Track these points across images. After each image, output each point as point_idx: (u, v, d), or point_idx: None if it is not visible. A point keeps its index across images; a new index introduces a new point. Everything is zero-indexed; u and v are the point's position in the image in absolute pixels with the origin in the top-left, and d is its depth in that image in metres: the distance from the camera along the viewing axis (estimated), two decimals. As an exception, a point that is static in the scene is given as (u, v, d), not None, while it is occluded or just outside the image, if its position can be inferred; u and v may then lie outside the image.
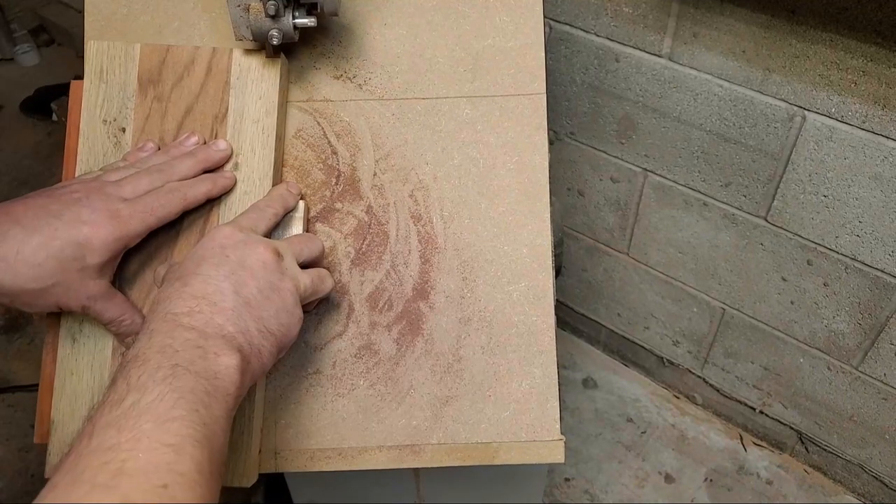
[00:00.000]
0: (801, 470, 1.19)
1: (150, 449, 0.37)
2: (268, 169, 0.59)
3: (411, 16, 0.65)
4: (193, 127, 0.60)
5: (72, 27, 2.10)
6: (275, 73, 0.60)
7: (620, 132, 1.05)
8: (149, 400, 0.40)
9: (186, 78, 0.61)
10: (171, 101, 0.61)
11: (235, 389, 0.44)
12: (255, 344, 0.48)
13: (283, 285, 0.50)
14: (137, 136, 0.60)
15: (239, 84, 0.60)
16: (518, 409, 0.59)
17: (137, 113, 0.61)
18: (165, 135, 0.60)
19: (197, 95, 0.61)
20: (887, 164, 0.82)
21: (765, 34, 0.83)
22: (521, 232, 0.61)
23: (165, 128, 0.61)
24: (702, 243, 1.08)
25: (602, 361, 1.38)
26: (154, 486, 0.36)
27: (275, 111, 0.60)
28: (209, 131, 0.60)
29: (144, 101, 0.61)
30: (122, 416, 0.39)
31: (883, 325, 0.94)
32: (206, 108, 0.60)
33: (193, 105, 0.61)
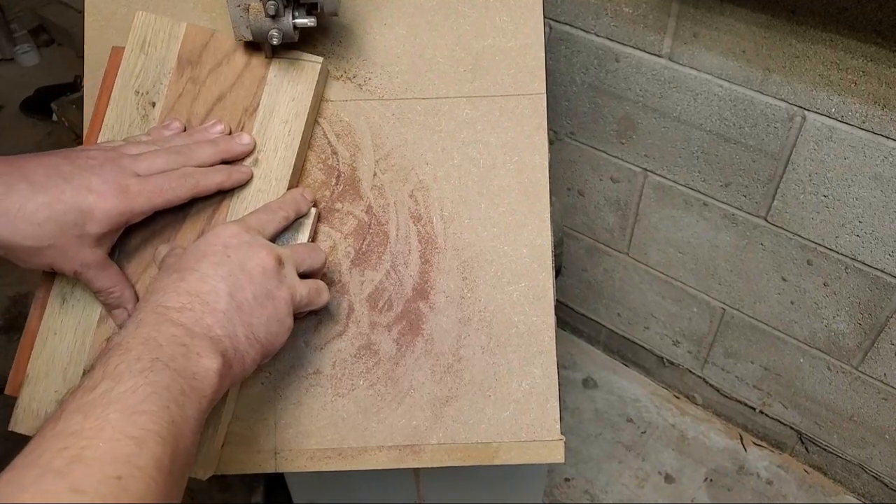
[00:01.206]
0: (801, 470, 1.19)
1: (111, 439, 0.37)
2: (286, 171, 0.59)
3: (411, 16, 0.65)
4: (223, 115, 0.60)
5: (72, 27, 2.10)
6: (312, 78, 0.60)
7: (620, 132, 1.05)
8: (121, 390, 0.39)
9: (225, 65, 0.61)
10: (205, 85, 0.61)
11: (211, 392, 0.44)
12: (240, 350, 0.47)
13: (279, 294, 0.50)
14: (166, 113, 0.60)
15: (275, 82, 0.60)
16: (518, 409, 0.59)
17: (171, 90, 0.61)
18: (193, 117, 0.60)
19: (232, 84, 0.60)
20: (887, 164, 0.82)
21: (765, 34, 0.83)
22: (521, 232, 0.61)
23: (195, 110, 0.60)
24: (702, 243, 1.08)
25: (602, 361, 1.38)
26: (108, 477, 0.36)
27: (305, 115, 0.60)
28: (237, 123, 0.60)
29: (179, 80, 0.61)
30: (91, 403, 0.39)
31: (883, 325, 0.94)
32: (238, 98, 0.60)
33: (226, 94, 0.60)
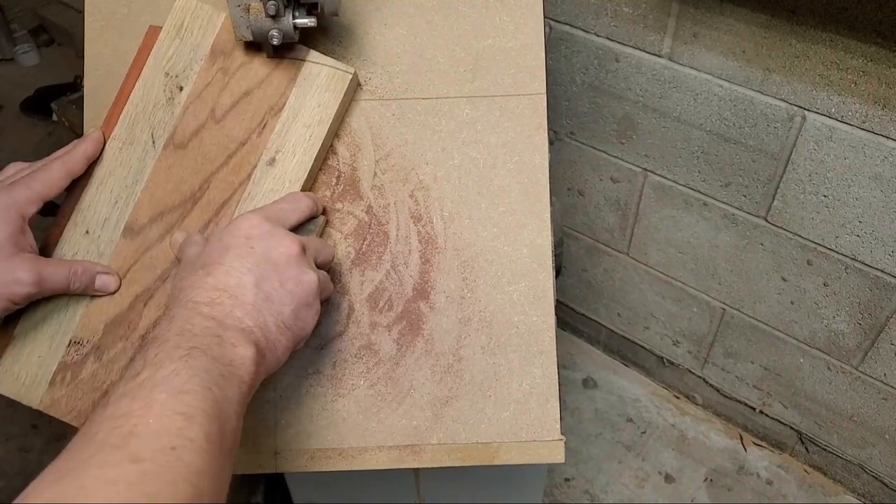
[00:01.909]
0: (801, 470, 1.19)
1: (161, 415, 0.38)
2: (302, 175, 0.59)
3: (411, 16, 0.65)
4: (247, 110, 0.60)
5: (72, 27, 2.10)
6: (341, 87, 0.60)
7: (620, 132, 1.05)
8: (164, 374, 0.41)
9: (257, 61, 0.61)
10: (234, 78, 0.61)
11: (250, 378, 0.45)
12: (271, 339, 0.48)
13: (306, 278, 0.50)
14: (192, 99, 0.60)
15: (304, 85, 0.60)
16: (518, 409, 0.59)
17: (200, 77, 0.61)
18: (218, 107, 0.60)
19: (261, 81, 0.60)
20: (887, 164, 0.82)
21: (765, 34, 0.83)
22: (521, 232, 0.61)
23: (220, 101, 0.60)
24: (702, 243, 1.08)
25: (602, 361, 1.38)
26: (163, 447, 0.37)
27: (328, 122, 0.60)
28: (260, 120, 0.60)
29: (210, 69, 0.61)
30: (137, 388, 0.40)
31: (883, 325, 0.94)
32: (265, 96, 0.60)
33: (254, 89, 0.60)
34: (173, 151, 0.60)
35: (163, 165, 0.60)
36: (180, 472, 0.37)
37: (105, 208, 0.60)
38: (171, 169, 0.60)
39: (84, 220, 0.60)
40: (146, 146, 0.60)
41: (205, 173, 0.60)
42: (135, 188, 0.60)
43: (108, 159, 0.60)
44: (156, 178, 0.60)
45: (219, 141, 0.60)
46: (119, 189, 0.60)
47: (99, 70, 0.64)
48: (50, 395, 0.58)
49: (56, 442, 1.28)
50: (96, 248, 0.59)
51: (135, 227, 0.59)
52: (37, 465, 1.24)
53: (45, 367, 0.58)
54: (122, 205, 0.60)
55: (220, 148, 0.60)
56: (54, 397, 0.58)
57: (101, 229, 0.60)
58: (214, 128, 0.60)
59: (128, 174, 0.60)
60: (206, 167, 0.60)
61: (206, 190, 0.59)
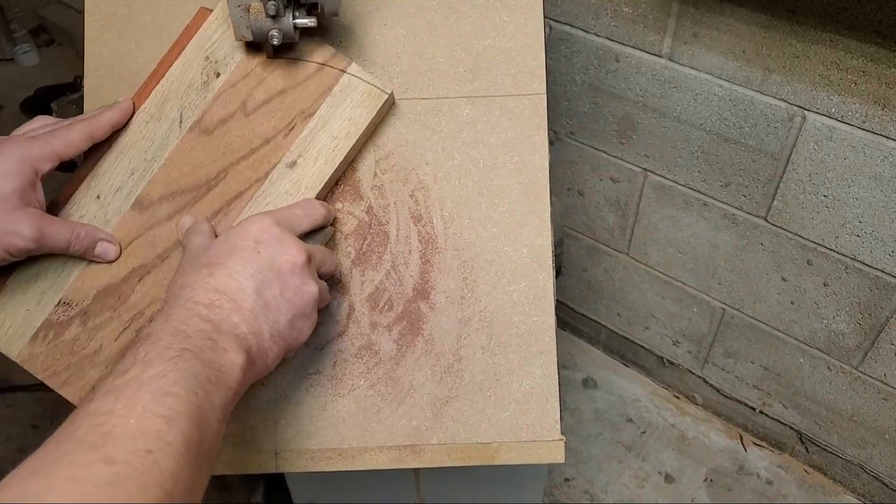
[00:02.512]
0: (801, 470, 1.19)
1: (142, 417, 0.38)
2: (318, 183, 0.59)
3: (411, 16, 0.65)
4: (277, 109, 0.60)
5: (72, 27, 2.10)
6: (375, 105, 0.60)
7: (620, 132, 1.05)
8: (151, 374, 0.41)
9: (298, 63, 0.61)
10: (272, 75, 0.61)
11: (236, 385, 0.45)
12: (263, 347, 0.48)
13: (307, 289, 0.51)
14: (226, 88, 0.60)
15: (339, 96, 0.60)
16: (518, 409, 0.59)
17: (239, 68, 0.61)
18: (249, 100, 0.60)
19: (298, 84, 0.60)
20: (887, 164, 0.82)
21: (765, 34, 0.83)
22: (521, 232, 0.61)
23: (254, 94, 0.61)
24: (702, 243, 1.08)
25: (602, 361, 1.38)
26: (139, 449, 0.37)
27: (355, 137, 0.60)
28: (289, 121, 0.60)
29: (250, 62, 0.61)
30: (123, 386, 0.40)
31: (883, 325, 0.94)
32: (299, 98, 0.60)
33: (290, 90, 0.60)
34: (198, 135, 0.60)
35: (185, 146, 0.60)
36: (153, 476, 0.37)
37: (120, 177, 0.60)
38: (192, 152, 0.60)
39: (98, 184, 0.60)
40: (172, 124, 0.60)
41: (224, 163, 0.60)
42: (153, 163, 0.60)
43: (134, 130, 0.60)
44: (175, 158, 0.60)
45: (244, 134, 0.60)
46: (138, 161, 0.60)
47: (99, 70, 0.64)
48: (29, 349, 0.58)
49: (56, 442, 1.28)
50: (103, 215, 0.59)
51: (145, 202, 0.59)
52: (37, 465, 1.24)
53: (31, 321, 0.58)
54: (138, 177, 0.60)
55: (244, 141, 0.60)
56: (33, 352, 0.58)
57: (113, 197, 0.60)
58: (243, 120, 0.60)
59: (149, 148, 0.60)
60: (226, 157, 0.60)
61: (221, 179, 0.59)
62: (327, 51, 0.61)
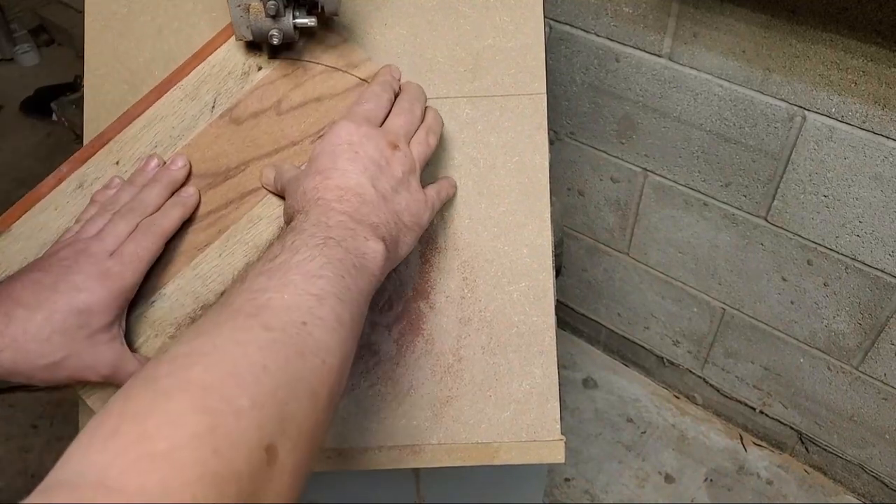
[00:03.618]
0: (801, 470, 1.19)
1: (294, 294, 0.40)
2: None
3: (411, 16, 0.65)
4: (311, 114, 0.60)
5: (72, 27, 2.10)
6: None
7: (620, 132, 1.05)
8: (299, 259, 0.43)
9: (341, 73, 0.60)
10: (313, 80, 0.60)
11: (378, 272, 0.47)
12: (393, 235, 0.50)
13: (409, 175, 0.53)
14: (265, 83, 0.60)
15: None
16: (518, 409, 0.59)
17: (281, 66, 0.61)
18: (285, 101, 0.60)
19: (336, 94, 0.60)
20: (887, 164, 0.82)
21: (765, 34, 0.83)
22: (521, 232, 0.61)
23: (290, 96, 0.60)
24: (702, 243, 1.08)
25: (602, 361, 1.38)
26: (294, 321, 0.39)
27: None
28: (319, 129, 0.60)
29: (293, 63, 0.61)
30: (273, 269, 0.42)
31: (883, 325, 0.94)
32: (334, 109, 0.60)
33: (327, 98, 0.60)
34: (227, 123, 0.60)
35: (212, 131, 0.60)
36: (308, 346, 0.38)
37: (144, 148, 0.60)
38: (218, 138, 0.60)
39: (120, 149, 0.60)
40: (204, 107, 0.60)
41: (247, 156, 0.60)
42: (178, 141, 0.60)
43: (166, 104, 0.60)
44: (200, 141, 0.60)
45: (273, 132, 0.60)
46: (163, 135, 0.60)
47: (99, 70, 0.64)
48: None
49: (56, 442, 1.28)
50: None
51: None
52: (37, 466, 1.24)
53: None
54: (160, 151, 0.60)
55: (271, 139, 0.60)
56: None
57: (131, 166, 0.60)
58: (274, 118, 0.60)
59: (177, 125, 0.60)
60: (250, 151, 0.60)
61: (240, 172, 0.59)
62: (370, 67, 0.61)
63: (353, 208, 0.48)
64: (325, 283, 0.41)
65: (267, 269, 0.42)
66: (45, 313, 0.49)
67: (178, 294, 0.57)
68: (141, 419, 0.31)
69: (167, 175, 0.58)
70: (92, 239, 0.54)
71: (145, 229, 0.55)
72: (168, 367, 0.35)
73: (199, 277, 0.58)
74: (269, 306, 0.39)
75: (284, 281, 0.41)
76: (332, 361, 0.39)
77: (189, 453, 0.30)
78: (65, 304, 0.50)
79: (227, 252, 0.58)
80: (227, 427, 0.32)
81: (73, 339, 0.50)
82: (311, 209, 0.48)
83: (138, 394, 0.33)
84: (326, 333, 0.40)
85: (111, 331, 0.53)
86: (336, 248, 0.44)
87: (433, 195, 0.56)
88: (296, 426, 0.36)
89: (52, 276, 0.51)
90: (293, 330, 0.38)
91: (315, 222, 0.46)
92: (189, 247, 0.58)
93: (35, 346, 0.49)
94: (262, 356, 0.36)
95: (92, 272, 0.52)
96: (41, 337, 0.49)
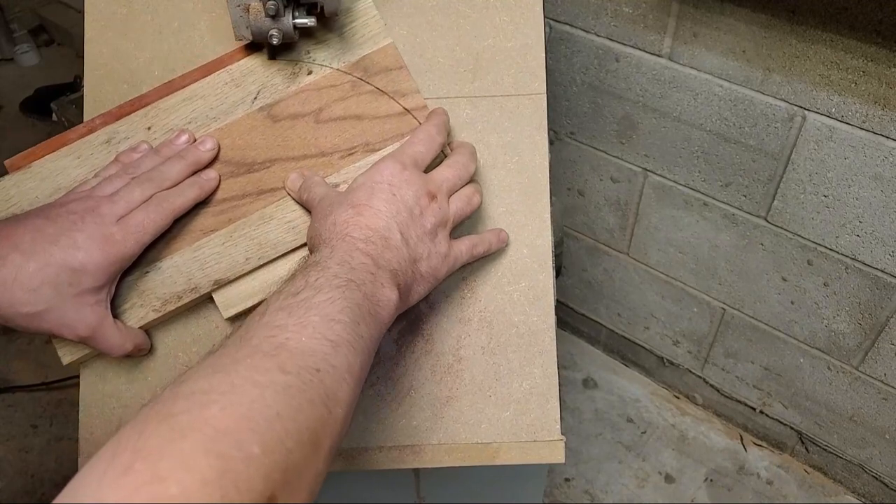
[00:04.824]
0: (801, 470, 1.19)
1: (312, 337, 0.41)
2: None
3: (411, 16, 0.65)
4: (347, 132, 0.59)
5: (72, 27, 2.10)
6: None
7: (620, 132, 1.05)
8: (321, 299, 0.43)
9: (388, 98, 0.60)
10: (358, 98, 0.60)
11: (388, 320, 0.48)
12: (408, 283, 0.51)
13: (438, 228, 0.53)
14: (311, 89, 0.60)
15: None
16: (518, 409, 0.59)
17: (331, 76, 0.60)
18: (325, 111, 0.60)
19: (377, 117, 0.60)
20: (887, 164, 0.82)
21: (765, 34, 0.83)
22: (521, 232, 0.61)
23: (332, 107, 0.60)
24: (702, 243, 1.08)
25: (602, 361, 1.38)
26: (308, 366, 0.39)
27: None
28: (351, 147, 0.59)
29: (344, 76, 0.60)
30: (295, 305, 0.42)
31: (883, 325, 0.94)
32: (370, 130, 0.60)
33: (366, 119, 0.60)
34: (264, 118, 0.60)
35: (247, 122, 0.60)
36: (318, 394, 0.38)
37: (178, 121, 0.60)
38: (252, 131, 0.60)
39: (155, 116, 0.60)
40: (247, 96, 0.60)
41: (274, 154, 0.60)
42: (212, 123, 0.60)
43: (210, 85, 0.60)
44: (234, 129, 0.60)
45: (306, 138, 0.60)
46: (200, 113, 0.60)
47: (99, 70, 0.64)
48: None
49: (56, 442, 1.28)
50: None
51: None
52: (37, 466, 1.24)
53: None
54: (193, 128, 0.60)
55: (303, 144, 0.60)
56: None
57: (162, 136, 0.60)
58: (311, 125, 0.60)
59: (215, 107, 0.60)
60: (279, 150, 0.60)
61: (264, 169, 0.59)
62: (417, 99, 0.60)
63: (377, 252, 0.49)
64: (341, 329, 0.42)
65: (288, 305, 0.42)
66: (39, 264, 0.50)
67: (172, 270, 0.57)
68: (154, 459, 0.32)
69: (194, 153, 0.58)
70: (104, 199, 0.54)
71: (158, 202, 0.55)
72: (185, 403, 0.35)
73: (197, 260, 0.58)
74: (286, 347, 0.39)
75: (304, 322, 0.41)
76: (338, 412, 0.40)
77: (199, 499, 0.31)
78: (61, 258, 0.50)
79: (231, 243, 0.58)
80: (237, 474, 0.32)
81: (60, 294, 0.51)
82: (337, 245, 0.48)
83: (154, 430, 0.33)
84: (336, 383, 0.40)
85: (99, 294, 0.53)
86: (356, 292, 0.45)
87: (462, 250, 0.56)
88: (297, 476, 0.36)
89: (56, 227, 0.51)
90: (307, 376, 0.38)
91: (340, 261, 0.46)
92: (196, 228, 0.58)
93: (22, 293, 0.50)
94: (276, 401, 0.36)
95: (95, 234, 0.52)
96: (30, 286, 0.50)
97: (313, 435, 0.37)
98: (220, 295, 0.58)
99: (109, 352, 0.55)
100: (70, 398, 1.32)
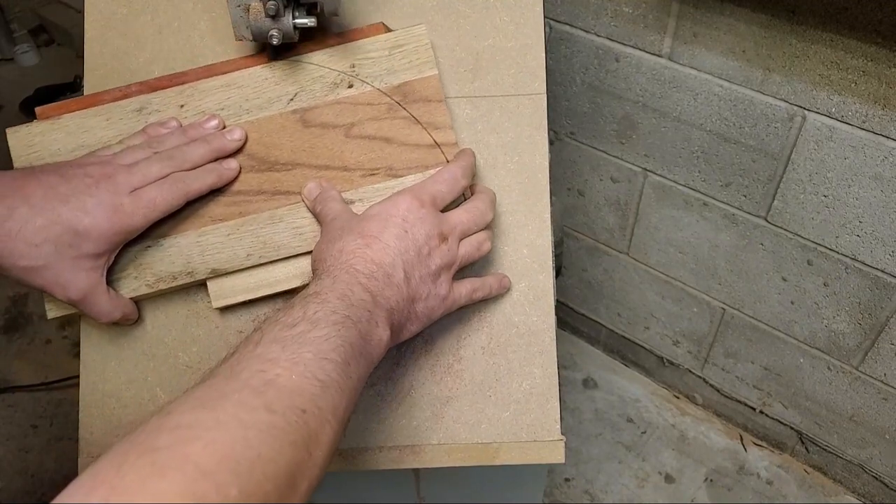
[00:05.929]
0: (801, 470, 1.19)
1: (302, 375, 0.40)
2: None
3: (411, 16, 0.65)
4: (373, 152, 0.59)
5: (72, 27, 2.10)
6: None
7: (620, 132, 1.05)
8: (317, 335, 0.43)
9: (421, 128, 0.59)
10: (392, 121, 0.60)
11: (377, 359, 0.48)
12: (402, 323, 0.51)
13: (442, 271, 0.53)
14: (347, 103, 0.60)
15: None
16: (518, 409, 0.59)
17: (370, 94, 0.60)
18: (356, 127, 0.59)
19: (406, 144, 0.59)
20: (887, 164, 0.82)
21: (765, 34, 0.83)
22: (521, 232, 0.61)
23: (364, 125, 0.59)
24: (702, 243, 1.08)
25: (602, 361, 1.38)
26: (295, 406, 0.39)
27: None
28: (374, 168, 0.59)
29: (383, 97, 0.60)
30: (290, 339, 0.42)
31: (883, 325, 0.94)
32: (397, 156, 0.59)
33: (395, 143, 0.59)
34: (296, 121, 0.60)
35: (278, 121, 0.60)
36: (301, 436, 0.38)
37: (211, 105, 0.60)
38: (281, 131, 0.60)
39: (191, 95, 0.60)
40: (283, 96, 0.60)
41: (298, 159, 0.59)
42: (244, 114, 0.60)
43: (250, 76, 0.60)
44: (263, 125, 0.60)
45: (332, 149, 0.59)
46: (234, 102, 0.60)
47: (99, 70, 0.64)
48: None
49: (56, 442, 1.28)
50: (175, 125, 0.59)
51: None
52: (37, 466, 1.24)
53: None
54: (225, 115, 0.60)
55: (328, 155, 0.59)
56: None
57: (193, 116, 0.60)
58: (340, 137, 0.60)
59: (251, 99, 0.60)
60: (303, 156, 0.59)
61: (285, 170, 0.59)
62: (449, 135, 0.60)
63: (378, 289, 0.48)
64: (332, 369, 0.42)
65: (283, 338, 0.42)
66: (45, 221, 0.50)
67: (173, 250, 0.57)
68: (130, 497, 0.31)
69: (219, 140, 0.58)
70: (123, 167, 0.54)
71: (173, 182, 0.55)
72: (168, 437, 0.35)
73: (200, 245, 0.58)
74: (275, 384, 0.39)
75: (296, 358, 0.41)
76: (318, 455, 0.39)
77: None
78: (67, 219, 0.51)
79: (237, 236, 0.58)
80: None
81: (60, 254, 0.51)
82: (339, 276, 0.48)
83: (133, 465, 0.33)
84: (320, 426, 0.40)
85: (97, 260, 0.53)
86: (352, 330, 0.45)
87: (462, 293, 0.56)
88: None
89: (69, 187, 0.52)
90: (293, 417, 0.38)
91: (340, 295, 0.46)
92: (206, 214, 0.58)
93: (24, 246, 0.50)
94: (259, 442, 0.36)
95: (106, 201, 0.52)
96: (33, 241, 0.50)
97: (291, 478, 0.37)
98: (215, 284, 0.58)
99: (97, 318, 0.55)
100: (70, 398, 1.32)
